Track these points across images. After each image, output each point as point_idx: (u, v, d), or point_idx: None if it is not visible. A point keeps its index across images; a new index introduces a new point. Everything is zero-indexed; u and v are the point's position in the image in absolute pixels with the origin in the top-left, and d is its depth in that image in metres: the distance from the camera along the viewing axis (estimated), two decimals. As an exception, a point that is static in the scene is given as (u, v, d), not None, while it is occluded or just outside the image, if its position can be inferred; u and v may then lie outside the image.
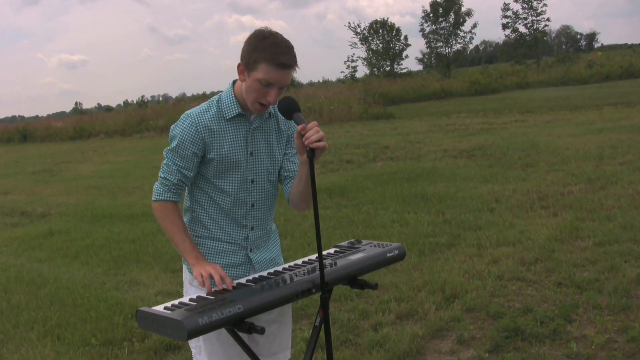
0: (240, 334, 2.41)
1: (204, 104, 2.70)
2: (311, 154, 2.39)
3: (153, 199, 2.73)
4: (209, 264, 2.62)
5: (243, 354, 2.62)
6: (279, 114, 2.74)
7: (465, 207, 8.48)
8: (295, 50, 2.55)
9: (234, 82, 2.72)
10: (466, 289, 5.39)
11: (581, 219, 7.25)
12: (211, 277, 2.53)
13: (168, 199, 2.70)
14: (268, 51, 2.48)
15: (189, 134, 2.62)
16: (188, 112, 2.67)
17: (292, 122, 2.76)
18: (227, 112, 2.66)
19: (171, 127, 2.70)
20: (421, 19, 57.93)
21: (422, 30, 58.05)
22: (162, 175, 2.71)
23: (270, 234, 2.91)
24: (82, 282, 6.86)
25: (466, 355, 4.29)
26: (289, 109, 2.50)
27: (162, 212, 2.70)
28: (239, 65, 2.59)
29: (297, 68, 2.55)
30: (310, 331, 3.06)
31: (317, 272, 2.46)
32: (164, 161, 2.71)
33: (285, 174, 2.82)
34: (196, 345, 2.79)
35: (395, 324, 4.87)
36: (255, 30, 2.56)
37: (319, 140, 2.39)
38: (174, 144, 2.66)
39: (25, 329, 5.59)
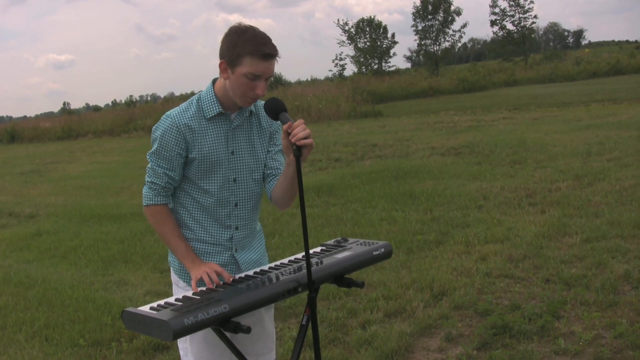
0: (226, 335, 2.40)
1: (184, 104, 2.69)
2: (298, 152, 2.37)
3: (144, 204, 2.72)
4: (205, 264, 2.63)
5: (229, 355, 2.61)
6: (263, 113, 2.73)
7: (453, 204, 8.50)
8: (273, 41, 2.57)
9: (214, 80, 2.71)
10: (454, 286, 5.40)
11: (569, 215, 7.29)
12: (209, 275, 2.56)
13: (159, 202, 2.69)
14: (250, 44, 2.48)
15: (171, 134, 2.61)
16: (168, 112, 2.66)
17: None
18: (208, 111, 2.65)
19: (152, 128, 2.69)
20: (412, 15, 58.05)
21: (414, 26, 58.12)
22: (149, 180, 2.69)
23: (255, 234, 2.89)
24: (71, 282, 6.83)
25: (454, 352, 4.30)
26: (275, 109, 2.50)
27: (155, 217, 2.70)
28: (220, 64, 2.58)
29: (278, 58, 2.56)
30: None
31: (303, 271, 2.46)
32: (149, 165, 2.69)
33: (268, 171, 2.80)
34: (183, 347, 2.78)
35: (383, 322, 4.87)
36: (231, 27, 2.56)
37: (306, 138, 2.38)
38: (155, 146, 2.64)
39: (13, 330, 5.56)
